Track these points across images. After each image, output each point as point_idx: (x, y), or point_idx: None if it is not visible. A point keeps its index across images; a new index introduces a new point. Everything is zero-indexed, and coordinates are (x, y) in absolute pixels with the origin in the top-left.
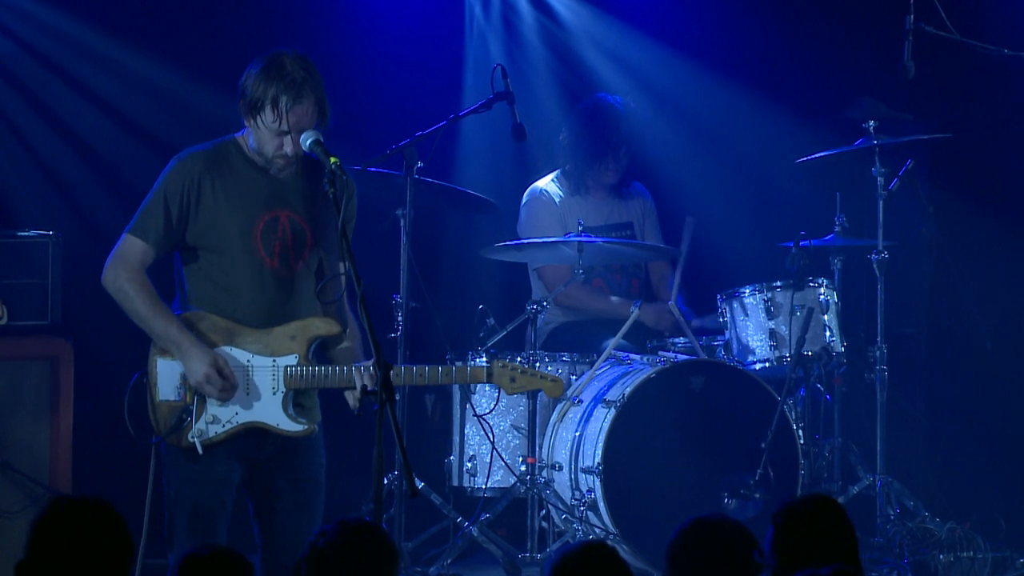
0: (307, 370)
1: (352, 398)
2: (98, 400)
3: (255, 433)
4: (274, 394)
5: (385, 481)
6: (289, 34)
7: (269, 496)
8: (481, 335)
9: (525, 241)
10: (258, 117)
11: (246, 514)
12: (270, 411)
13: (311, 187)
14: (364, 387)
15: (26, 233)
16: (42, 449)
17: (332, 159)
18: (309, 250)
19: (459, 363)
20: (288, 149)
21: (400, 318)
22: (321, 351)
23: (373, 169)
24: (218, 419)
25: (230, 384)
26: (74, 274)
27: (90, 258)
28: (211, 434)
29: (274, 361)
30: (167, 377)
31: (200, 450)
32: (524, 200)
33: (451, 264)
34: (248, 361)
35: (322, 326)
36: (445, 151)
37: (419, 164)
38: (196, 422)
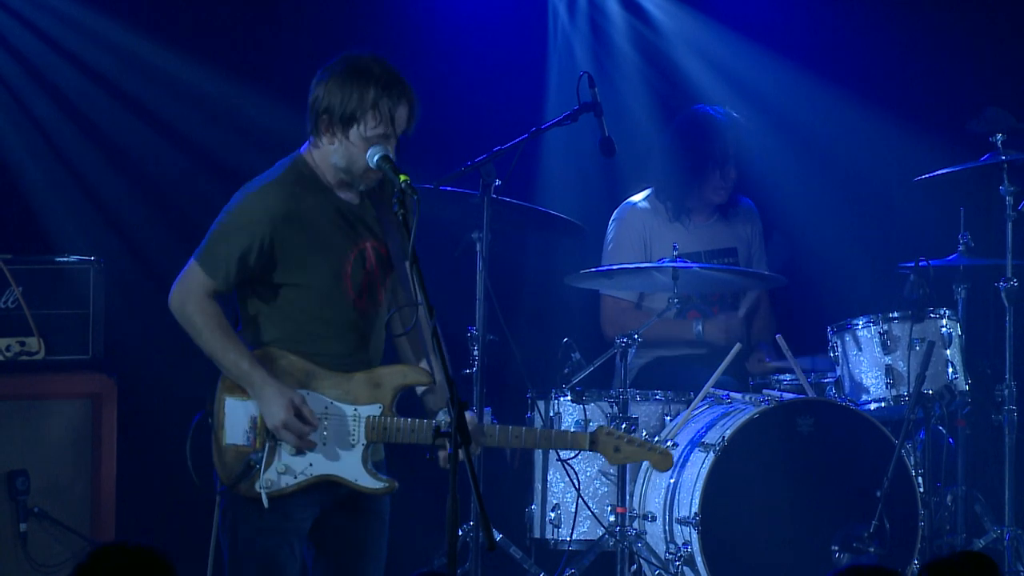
0: (392, 422)
1: (444, 457)
2: (144, 442)
3: (328, 483)
4: (352, 446)
5: (460, 533)
6: (354, 39)
7: (331, 537)
8: (566, 371)
9: (615, 267)
10: (352, 129)
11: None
12: (348, 465)
13: (380, 208)
14: (436, 428)
15: (65, 259)
16: (83, 497)
17: (402, 177)
18: (389, 279)
19: (556, 427)
20: (390, 155)
21: (476, 352)
22: (414, 398)
23: (446, 188)
24: (291, 469)
25: (311, 429)
26: (118, 304)
27: (135, 286)
28: (282, 485)
29: (355, 410)
30: (236, 418)
31: (266, 503)
32: (613, 216)
33: (532, 293)
34: (326, 408)
35: (411, 375)
36: (526, 168)
37: (497, 182)
38: (266, 471)
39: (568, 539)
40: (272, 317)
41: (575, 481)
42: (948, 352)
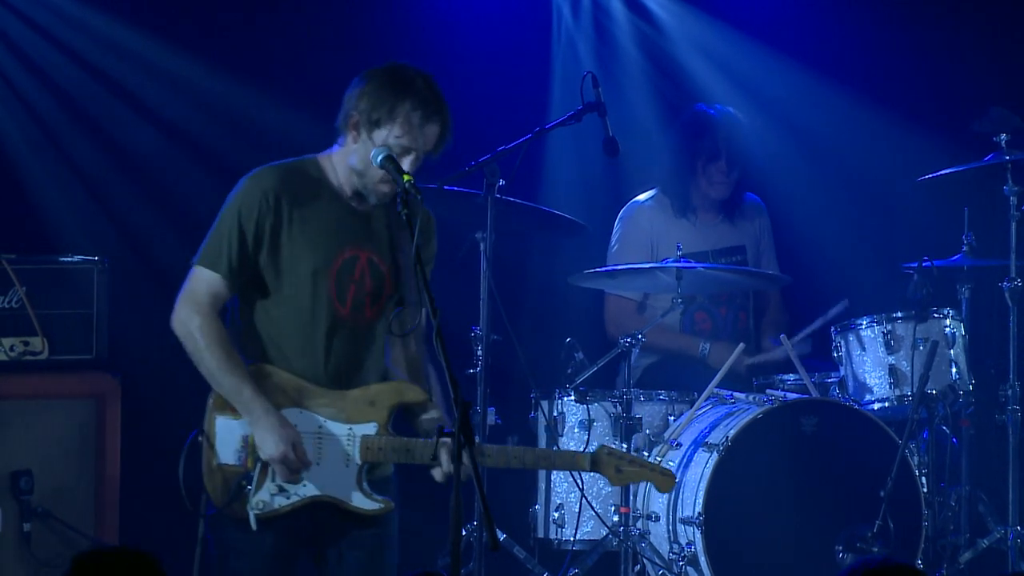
0: (387, 441)
1: (439, 474)
2: (149, 442)
3: (322, 505)
4: (347, 466)
5: (463, 532)
6: (357, 39)
7: (335, 544)
8: (569, 371)
9: (619, 267)
10: (377, 132)
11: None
12: (342, 485)
13: (392, 221)
14: (440, 428)
15: (69, 259)
16: (86, 497)
17: (405, 176)
18: (387, 297)
19: (560, 428)
20: (406, 169)
21: (480, 352)
22: (405, 417)
23: (450, 188)
24: (284, 490)
25: (304, 465)
26: (122, 304)
27: (139, 286)
28: (275, 506)
29: (350, 429)
30: (227, 438)
31: (254, 525)
32: (619, 215)
33: (536, 293)
34: (319, 427)
35: (407, 392)
36: (530, 168)
37: (501, 182)
38: (258, 491)
39: (572, 539)
40: (252, 322)
41: (579, 481)
42: (952, 352)
